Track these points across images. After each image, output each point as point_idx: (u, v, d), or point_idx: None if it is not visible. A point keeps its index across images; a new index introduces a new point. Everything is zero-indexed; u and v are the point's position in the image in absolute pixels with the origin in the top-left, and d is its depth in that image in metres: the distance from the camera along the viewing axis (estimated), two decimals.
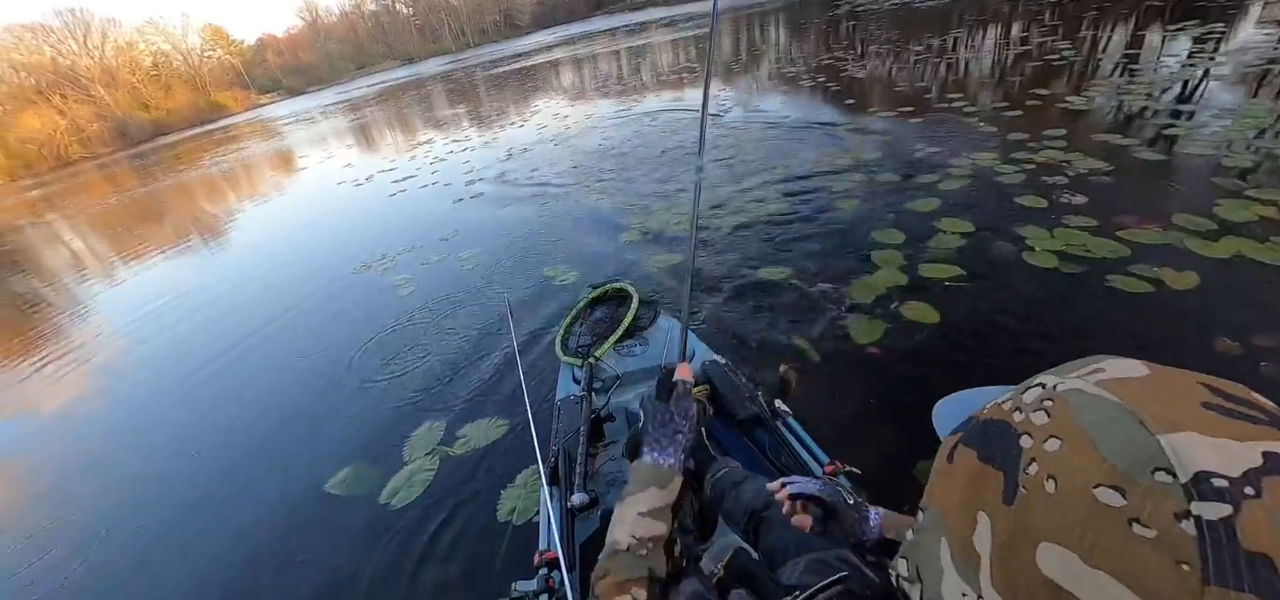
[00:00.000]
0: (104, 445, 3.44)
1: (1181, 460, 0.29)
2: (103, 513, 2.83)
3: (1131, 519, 0.30)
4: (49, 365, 4.82)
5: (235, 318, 4.70)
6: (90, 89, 51.23)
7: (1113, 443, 0.32)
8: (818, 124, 6.05)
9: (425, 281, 4.39)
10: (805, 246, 3.57)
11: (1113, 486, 0.31)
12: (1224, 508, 0.28)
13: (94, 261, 8.44)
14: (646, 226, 4.32)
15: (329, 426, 2.99)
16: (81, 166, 36.29)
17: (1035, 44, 7.54)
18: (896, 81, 7.31)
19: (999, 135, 4.58)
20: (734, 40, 15.74)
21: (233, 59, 67.51)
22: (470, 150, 8.91)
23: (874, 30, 11.89)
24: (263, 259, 6.24)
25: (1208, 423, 0.31)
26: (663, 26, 26.17)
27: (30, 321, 6.19)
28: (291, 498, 2.57)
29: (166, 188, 14.87)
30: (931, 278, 2.93)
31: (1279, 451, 0.30)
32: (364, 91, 34.26)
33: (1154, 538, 0.29)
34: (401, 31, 73.29)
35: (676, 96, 9.38)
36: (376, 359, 3.47)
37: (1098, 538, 0.30)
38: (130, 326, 5.18)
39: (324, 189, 9.15)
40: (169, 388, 3.87)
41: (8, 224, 16.53)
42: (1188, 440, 0.30)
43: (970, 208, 3.55)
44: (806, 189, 4.39)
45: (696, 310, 3.12)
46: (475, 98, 16.43)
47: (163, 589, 2.29)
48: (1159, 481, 0.29)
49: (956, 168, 4.14)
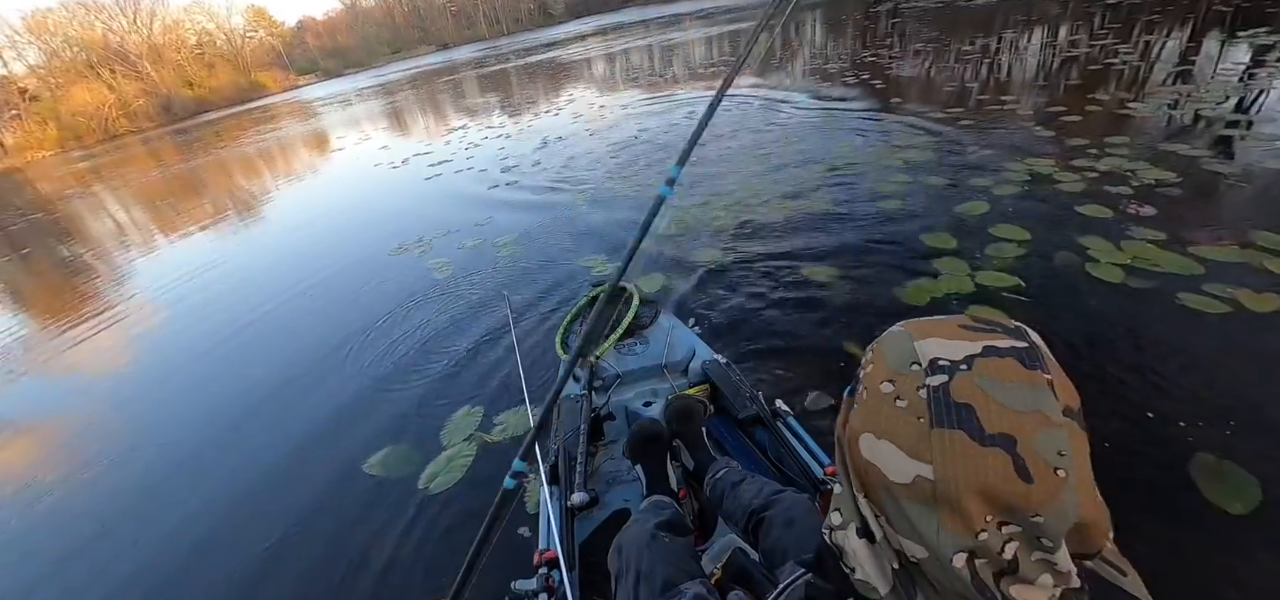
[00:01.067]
0: (150, 410, 3.52)
1: (924, 354, 0.44)
2: (147, 476, 2.89)
3: (896, 398, 0.44)
4: (99, 330, 4.96)
5: (276, 293, 4.77)
6: (138, 65, 52.85)
7: (891, 354, 0.46)
8: (862, 121, 5.90)
9: (462, 265, 4.39)
10: (850, 245, 3.47)
11: (888, 380, 0.45)
12: (943, 378, 0.42)
13: (140, 232, 8.69)
14: (685, 222, 4.25)
15: (367, 405, 2.99)
16: (127, 140, 37.51)
17: (1092, 47, 7.23)
18: (944, 81, 7.09)
19: (1057, 140, 4.39)
20: (774, 34, 15.48)
21: (274, 40, 68.95)
22: (505, 137, 8.93)
23: (918, 29, 11.58)
24: (303, 237, 6.33)
25: (955, 333, 0.45)
26: (698, 19, 25.93)
27: (78, 286, 6.39)
28: (330, 475, 2.57)
29: (209, 163, 15.25)
30: (990, 286, 2.81)
31: (996, 345, 0.43)
32: (399, 76, 34.69)
33: (905, 406, 0.43)
34: (437, 17, 74.01)
35: (712, 90, 9.26)
36: (413, 340, 3.47)
37: (880, 417, 0.45)
38: (174, 299, 5.29)
39: (361, 170, 9.26)
40: (211, 357, 3.93)
41: (58, 193, 17.15)
42: (932, 343, 0.44)
43: (1028, 215, 3.40)
44: (850, 187, 4.28)
45: (721, 305, 3.06)
46: (509, 85, 16.49)
47: (208, 555, 2.32)
48: (911, 370, 0.44)
49: (1011, 172, 3.97)
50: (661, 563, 1.02)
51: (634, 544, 1.10)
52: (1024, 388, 0.40)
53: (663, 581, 0.98)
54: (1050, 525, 0.39)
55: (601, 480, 1.71)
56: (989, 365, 0.41)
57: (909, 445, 0.42)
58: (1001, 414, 0.39)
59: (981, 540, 0.39)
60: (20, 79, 48.73)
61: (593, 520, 1.59)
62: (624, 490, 1.67)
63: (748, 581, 1.00)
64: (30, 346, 5.02)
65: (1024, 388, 0.40)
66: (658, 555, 1.04)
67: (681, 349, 2.17)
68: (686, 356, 2.12)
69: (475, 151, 8.34)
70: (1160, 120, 4.48)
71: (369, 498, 2.38)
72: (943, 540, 0.41)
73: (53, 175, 24.07)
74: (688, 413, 1.61)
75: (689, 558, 1.08)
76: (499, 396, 2.78)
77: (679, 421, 1.60)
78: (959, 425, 0.40)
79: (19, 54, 49.79)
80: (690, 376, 2.03)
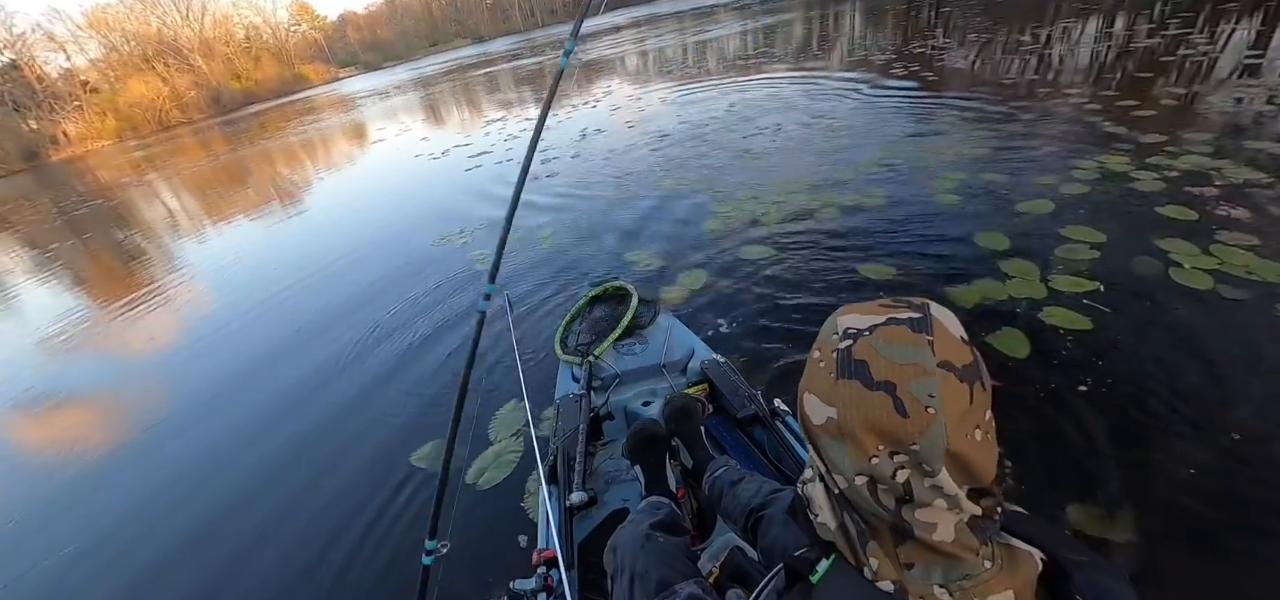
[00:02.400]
0: (204, 391, 3.61)
1: (841, 326, 0.55)
2: (197, 452, 2.96)
3: (819, 361, 0.55)
4: (158, 310, 5.14)
5: (321, 282, 4.85)
6: (190, 58, 54.93)
7: (825, 330, 0.57)
8: (912, 114, 5.70)
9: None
10: (907, 243, 3.33)
11: (818, 349, 0.56)
12: (849, 342, 0.52)
13: (190, 219, 9.00)
14: (731, 216, 4.15)
15: (410, 397, 3.00)
16: (180, 130, 39.07)
17: (1156, 37, 6.82)
18: (997, 73, 6.79)
19: (1128, 136, 4.14)
20: (812, 26, 15.17)
21: (316, 34, 70.81)
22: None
23: (966, 19, 11.15)
24: (346, 228, 6.42)
25: (871, 312, 0.54)
26: (732, 11, 25.58)
27: (137, 269, 6.64)
28: (377, 466, 2.58)
29: (256, 154, 15.73)
30: (1064, 290, 2.65)
31: (897, 316, 0.52)
32: (436, 69, 35.22)
33: (823, 365, 0.54)
34: (473, 10, 74.85)
35: (754, 83, 9.08)
36: (457, 331, 3.47)
37: (811, 378, 0.56)
38: (225, 284, 5.45)
39: (402, 161, 9.40)
40: (261, 345, 4.01)
41: (116, 180, 17.94)
42: (850, 317, 0.55)
43: (1101, 215, 3.20)
44: (904, 182, 4.12)
45: (770, 307, 2.96)
46: (545, 78, 16.53)
47: (261, 540, 2.35)
48: (830, 339, 0.55)
49: (1080, 170, 3.76)
50: (656, 562, 1.04)
51: (629, 544, 1.12)
52: (908, 347, 0.49)
53: (657, 581, 0.99)
54: (926, 451, 0.48)
55: (600, 480, 1.72)
56: (885, 331, 0.51)
57: (824, 394, 0.53)
58: (887, 367, 0.49)
59: (874, 465, 0.50)
60: (82, 71, 51.16)
61: (591, 519, 1.60)
62: (623, 490, 1.68)
63: (745, 581, 1.02)
64: (119, 327, 5.23)
65: (908, 347, 0.49)
66: (652, 555, 1.05)
67: (680, 349, 2.18)
68: (685, 356, 2.13)
69: (514, 144, 8.37)
70: (1241, 114, 4.18)
71: (416, 490, 2.37)
72: (846, 466, 0.53)
73: (111, 164, 25.21)
74: (686, 412, 1.64)
75: (684, 557, 1.10)
76: (545, 389, 2.74)
77: (678, 420, 1.63)
78: (855, 375, 0.51)
79: (81, 48, 52.26)
80: (689, 376, 2.05)
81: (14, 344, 5.31)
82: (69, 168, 29.26)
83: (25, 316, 6.09)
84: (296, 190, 9.39)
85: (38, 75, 48.28)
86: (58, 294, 6.56)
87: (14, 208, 17.68)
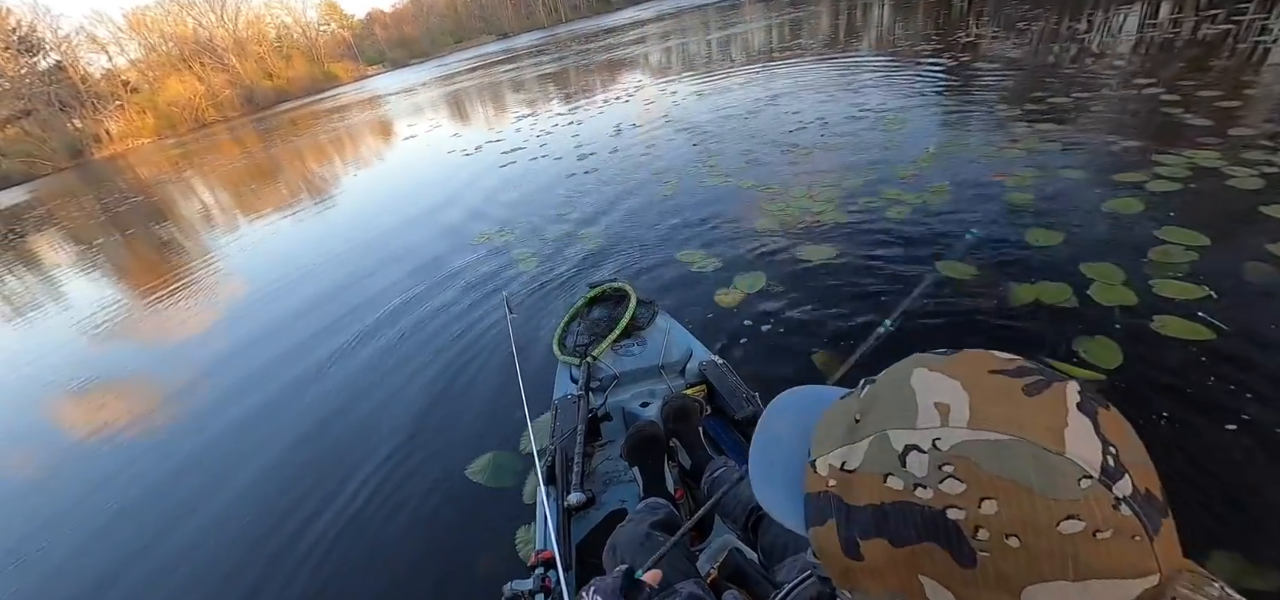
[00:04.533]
0: (257, 385, 3.59)
1: (1086, 462, 0.34)
2: (262, 446, 2.93)
3: (1094, 531, 0.34)
4: (219, 302, 5.18)
5: (363, 284, 4.82)
6: (224, 58, 56.35)
7: (1041, 480, 0.34)
8: (967, 106, 5.44)
9: (546, 257, 4.29)
10: (984, 239, 3.14)
11: (1069, 517, 0.34)
12: (1124, 480, 0.35)
13: (224, 214, 9.14)
14: (784, 214, 3.98)
15: (464, 407, 2.92)
16: (215, 128, 40.11)
17: (1232, 23, 6.42)
18: (1058, 63, 6.47)
19: (1216, 128, 3.85)
20: (846, 16, 14.79)
21: (344, 32, 72.05)
22: (576, 124, 8.83)
23: (1010, 7, 10.72)
24: (384, 228, 6.37)
25: (1044, 409, 0.36)
26: (756, 4, 25.20)
27: (186, 264, 6.73)
28: (433, 476, 2.51)
29: (289, 151, 15.99)
30: (1171, 297, 2.43)
31: (1086, 404, 0.37)
32: (462, 65, 35.46)
33: (1112, 534, 0.34)
34: (497, 6, 75.28)
35: (790, 75, 8.84)
36: (502, 333, 3.37)
37: (1077, 559, 0.34)
38: (273, 284, 5.47)
39: (436, 157, 9.37)
40: (308, 350, 3.98)
41: (155, 177, 18.42)
42: (1073, 442, 0.35)
43: (1198, 215, 2.96)
44: (967, 178, 3.90)
45: (840, 308, 2.79)
46: (573, 72, 16.45)
47: (328, 547, 2.29)
48: (1087, 490, 0.34)
49: (1166, 165, 3.50)
50: None
51: (629, 543, 1.13)
52: None
53: None
54: None
55: (598, 480, 1.72)
56: (1112, 429, 0.37)
57: (1133, 567, 0.35)
58: None
59: None
60: (123, 72, 52.83)
61: (590, 520, 1.60)
62: (621, 490, 1.68)
63: (744, 580, 1.02)
64: (175, 318, 5.29)
65: None
66: (652, 554, 1.05)
67: (678, 349, 2.18)
68: (683, 357, 2.13)
69: (548, 139, 8.29)
70: None
71: (475, 509, 2.29)
72: None
73: (151, 160, 25.96)
74: (684, 412, 1.64)
75: (683, 557, 1.12)
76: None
77: (676, 421, 1.63)
78: (1166, 512, 0.36)
79: (122, 48, 53.96)
80: (687, 377, 2.04)
81: (112, 352, 5.41)
82: (111, 165, 30.24)
83: (120, 322, 6.21)
84: (331, 187, 9.46)
85: (82, 76, 50.00)
86: (120, 291, 6.68)
87: (61, 204, 18.28)
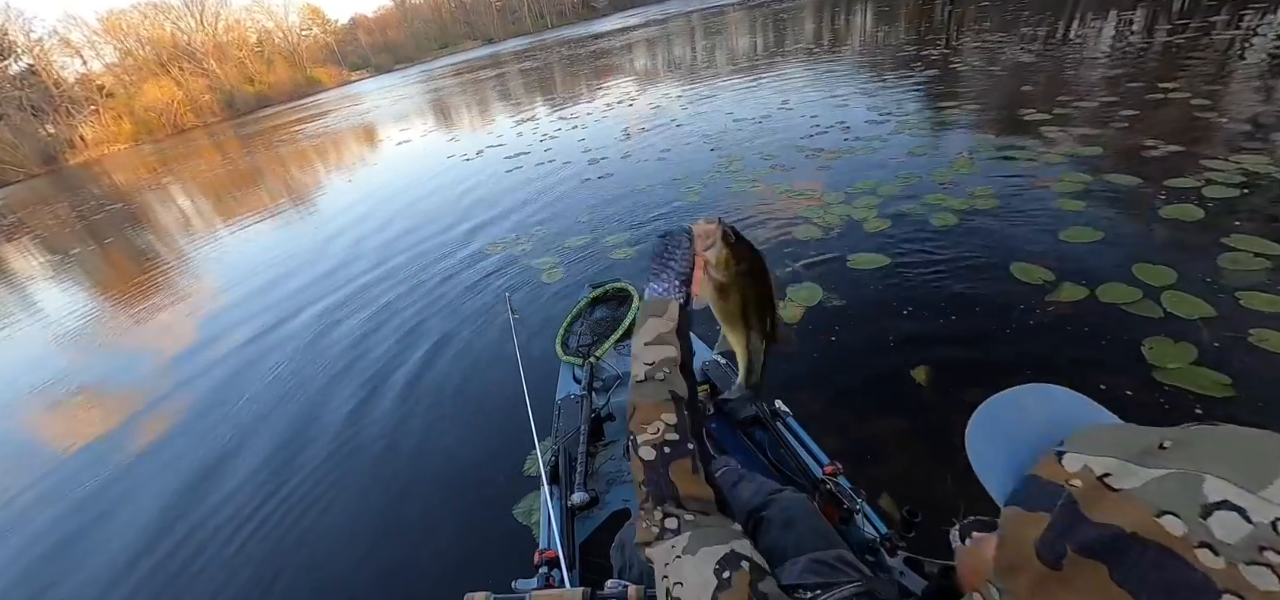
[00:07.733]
0: (256, 385, 3.30)
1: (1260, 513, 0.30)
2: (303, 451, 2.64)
3: None
4: (220, 320, 4.86)
5: (364, 285, 4.55)
6: (204, 63, 55.24)
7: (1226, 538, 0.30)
8: (997, 110, 5.32)
9: (570, 264, 4.06)
10: (1038, 245, 2.98)
11: None
12: None
13: (204, 221, 8.75)
14: (825, 222, 3.78)
15: (467, 408, 2.84)
16: (194, 133, 39.21)
17: (1248, 25, 6.41)
18: (1082, 70, 6.40)
19: (1258, 132, 3.75)
20: (849, 17, 14.78)
21: (328, 37, 71.12)
22: (580, 129, 8.58)
23: (1030, 15, 10.74)
24: (393, 236, 6.06)
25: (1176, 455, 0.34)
26: (743, 8, 25.23)
27: (168, 276, 6.37)
28: (436, 477, 2.45)
29: (272, 159, 15.52)
30: (1255, 309, 2.27)
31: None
32: (448, 71, 35.07)
33: None
34: (483, 12, 74.92)
35: (800, 81, 8.71)
36: (505, 334, 3.15)
37: None
38: (266, 285, 5.15)
39: (435, 162, 9.00)
40: (307, 350, 3.70)
41: (133, 185, 17.83)
42: (1211, 485, 0.31)
43: (1261, 221, 2.83)
44: (1012, 184, 3.74)
45: (902, 320, 2.61)
46: (566, 78, 16.24)
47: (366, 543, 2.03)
48: None
49: (1216, 171, 3.37)
50: None
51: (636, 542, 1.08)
52: None
53: None
54: None
55: (602, 480, 1.72)
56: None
57: None
58: None
59: None
60: (98, 76, 51.53)
61: (593, 520, 1.60)
62: (624, 490, 1.68)
63: None
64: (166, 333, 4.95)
65: None
66: None
67: None
68: None
69: (553, 143, 8.04)
70: None
71: (477, 509, 2.18)
72: None
73: (127, 167, 25.20)
74: None
75: None
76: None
77: None
78: None
79: (97, 52, 52.65)
80: None
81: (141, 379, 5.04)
82: (86, 172, 29.35)
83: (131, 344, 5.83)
84: (322, 196, 9.09)
85: (55, 80, 48.69)
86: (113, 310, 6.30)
87: (33, 212, 17.62)
